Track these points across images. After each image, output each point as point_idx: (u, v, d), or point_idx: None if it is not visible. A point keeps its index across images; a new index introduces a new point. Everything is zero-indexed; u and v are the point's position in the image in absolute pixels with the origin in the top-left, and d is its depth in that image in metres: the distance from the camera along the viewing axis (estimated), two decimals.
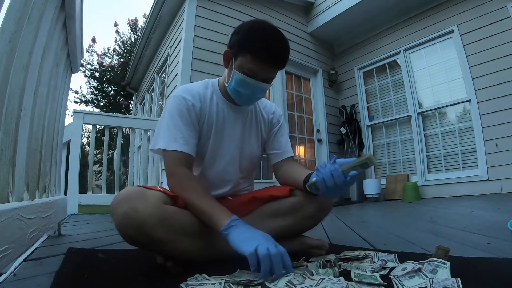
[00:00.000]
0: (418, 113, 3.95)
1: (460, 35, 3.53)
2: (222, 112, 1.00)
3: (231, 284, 0.63)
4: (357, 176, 0.74)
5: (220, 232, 0.75)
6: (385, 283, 0.61)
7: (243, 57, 0.88)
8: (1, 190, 0.59)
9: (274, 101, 3.96)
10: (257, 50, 0.86)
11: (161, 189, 0.83)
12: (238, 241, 0.71)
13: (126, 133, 5.39)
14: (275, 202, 0.98)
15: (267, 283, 0.62)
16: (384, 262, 0.75)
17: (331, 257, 0.83)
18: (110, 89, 9.15)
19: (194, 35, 3.39)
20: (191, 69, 3.28)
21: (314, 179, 0.81)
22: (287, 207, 0.95)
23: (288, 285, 0.61)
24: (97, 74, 8.92)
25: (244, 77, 0.89)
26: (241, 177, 1.07)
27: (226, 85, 0.96)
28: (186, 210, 0.84)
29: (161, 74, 4.59)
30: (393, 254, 0.82)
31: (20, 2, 0.62)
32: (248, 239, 0.70)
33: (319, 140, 4.40)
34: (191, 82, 3.23)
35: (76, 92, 9.05)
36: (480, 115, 3.33)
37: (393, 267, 0.71)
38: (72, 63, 1.47)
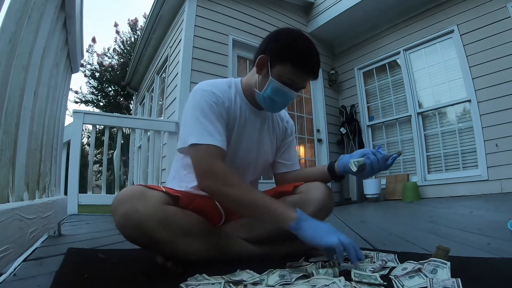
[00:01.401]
0: (418, 113, 3.95)
1: (460, 35, 3.53)
2: (244, 114, 0.98)
3: (231, 284, 0.63)
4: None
5: (288, 226, 0.75)
6: (385, 283, 0.61)
7: (283, 66, 0.87)
8: (1, 190, 0.59)
9: None
10: (300, 61, 0.87)
11: (163, 189, 0.82)
12: (317, 234, 0.73)
13: (126, 133, 5.40)
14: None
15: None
16: (384, 262, 0.75)
17: None
18: (110, 89, 9.16)
19: (194, 35, 3.39)
20: (191, 69, 3.28)
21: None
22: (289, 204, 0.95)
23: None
24: (97, 74, 8.92)
25: (282, 86, 0.89)
26: (253, 179, 1.10)
27: (258, 92, 0.93)
28: (187, 211, 0.83)
29: (161, 74, 4.59)
30: (393, 254, 0.82)
31: (20, 2, 0.62)
32: (326, 232, 0.73)
33: (319, 140, 4.40)
34: (191, 82, 3.27)
35: (76, 92, 9.06)
36: (480, 115, 3.33)
37: (393, 267, 0.72)
38: (72, 63, 1.47)
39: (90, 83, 9.07)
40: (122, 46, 9.18)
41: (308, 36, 0.93)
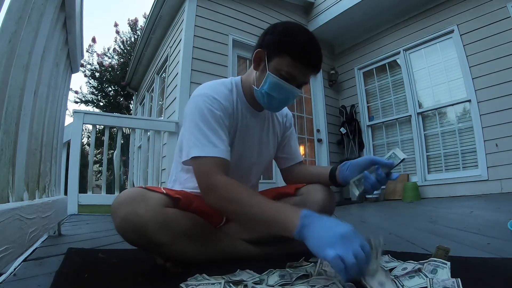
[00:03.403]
0: (418, 113, 3.95)
1: (460, 35, 3.53)
2: (245, 118, 0.94)
3: (231, 284, 0.63)
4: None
5: (292, 236, 0.64)
6: None
7: (281, 59, 0.82)
8: (1, 190, 0.59)
9: None
10: (299, 54, 0.81)
11: (164, 191, 0.82)
12: (318, 244, 0.60)
13: (126, 133, 5.40)
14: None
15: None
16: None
17: None
18: (110, 89, 9.15)
19: (194, 35, 3.39)
20: (191, 69, 3.28)
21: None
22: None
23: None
24: (97, 74, 8.92)
25: (280, 81, 0.83)
26: (257, 178, 1.10)
27: (255, 88, 0.89)
28: (187, 213, 0.83)
29: (161, 74, 4.59)
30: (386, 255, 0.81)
31: (20, 2, 0.62)
32: (327, 242, 0.59)
33: (319, 140, 4.40)
34: (191, 82, 3.26)
35: (76, 92, 9.06)
36: (480, 115, 3.33)
37: (393, 267, 0.71)
38: (72, 63, 1.47)
39: (90, 83, 9.08)
40: (122, 46, 9.18)
41: (308, 29, 0.88)
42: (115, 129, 3.80)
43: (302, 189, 0.98)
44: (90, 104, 9.20)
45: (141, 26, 8.83)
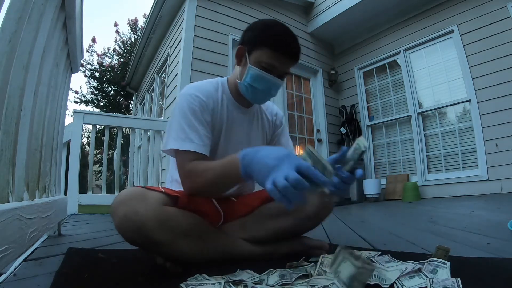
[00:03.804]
0: (418, 113, 3.95)
1: (460, 35, 3.53)
2: (231, 114, 0.98)
3: (231, 284, 0.63)
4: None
5: (241, 177, 0.72)
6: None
7: (260, 51, 0.87)
8: (1, 190, 0.59)
9: (273, 101, 3.95)
10: (277, 43, 0.86)
11: (163, 190, 0.82)
12: (261, 177, 0.67)
13: (126, 133, 5.39)
14: (275, 202, 0.98)
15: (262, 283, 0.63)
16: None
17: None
18: (110, 89, 9.16)
19: (194, 35, 3.39)
20: (191, 69, 3.28)
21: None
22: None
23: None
24: (97, 74, 8.92)
25: (261, 72, 0.88)
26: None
27: (239, 82, 0.93)
28: (187, 211, 0.83)
29: (161, 74, 4.59)
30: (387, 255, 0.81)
31: (20, 2, 0.62)
32: (266, 173, 0.65)
33: (319, 140, 4.40)
34: (191, 82, 3.26)
35: (76, 92, 9.07)
36: (480, 115, 3.33)
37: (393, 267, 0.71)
38: (72, 63, 1.47)
39: (90, 83, 9.09)
40: (122, 46, 9.18)
41: (284, 24, 0.93)
42: (115, 129, 3.80)
43: None
44: (90, 104, 9.22)
45: (141, 26, 8.84)
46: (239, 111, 1.00)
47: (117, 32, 11.62)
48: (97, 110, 8.94)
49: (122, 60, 8.87)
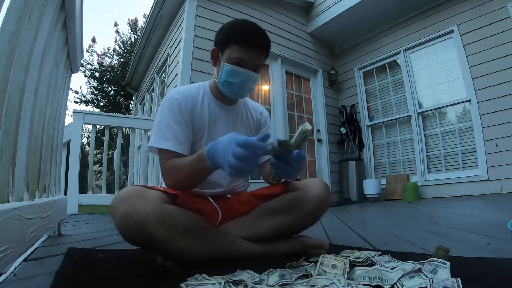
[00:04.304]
0: (418, 113, 3.95)
1: (460, 35, 3.53)
2: (213, 112, 1.04)
3: (231, 284, 0.63)
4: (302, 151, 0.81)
5: (210, 169, 0.80)
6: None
7: (230, 49, 0.95)
8: (1, 190, 0.59)
9: (274, 101, 3.96)
10: (242, 39, 0.94)
11: (161, 189, 0.83)
12: (222, 165, 0.75)
13: (126, 133, 5.39)
14: (274, 200, 0.98)
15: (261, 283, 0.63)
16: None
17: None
18: (110, 89, 9.15)
19: (194, 35, 3.39)
20: (191, 69, 3.28)
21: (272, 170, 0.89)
22: (286, 204, 0.96)
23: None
24: (97, 74, 8.91)
25: (233, 67, 0.95)
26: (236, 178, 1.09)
27: (216, 80, 1.01)
28: (186, 210, 0.84)
29: (161, 74, 4.59)
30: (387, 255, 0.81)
31: (20, 2, 0.62)
32: (223, 163, 0.74)
33: (319, 140, 4.40)
34: (191, 82, 3.26)
35: (76, 92, 9.05)
36: (480, 115, 3.33)
37: (393, 267, 0.71)
38: (72, 63, 1.47)
39: (90, 83, 9.07)
40: (122, 46, 9.17)
41: (250, 21, 1.00)
42: (115, 129, 3.80)
43: (300, 184, 1.00)
44: (90, 104, 9.20)
45: (141, 26, 8.83)
46: (221, 109, 1.06)
47: (117, 32, 11.60)
48: (97, 110, 8.93)
49: (122, 60, 8.86)
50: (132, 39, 9.10)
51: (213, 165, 0.79)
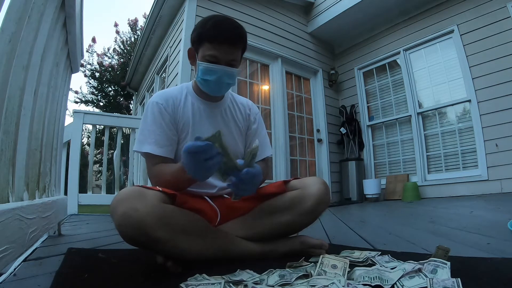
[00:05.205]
0: (418, 113, 3.95)
1: (460, 35, 3.53)
2: (198, 110, 1.04)
3: (231, 284, 0.63)
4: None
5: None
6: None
7: (203, 47, 0.95)
8: (1, 190, 0.59)
9: (274, 101, 3.96)
10: (212, 35, 0.93)
11: (161, 189, 0.83)
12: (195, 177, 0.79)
13: (126, 133, 5.39)
14: (274, 199, 0.98)
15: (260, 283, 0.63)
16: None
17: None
18: (110, 89, 9.15)
19: None
20: (191, 69, 3.28)
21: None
22: (286, 203, 0.96)
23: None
24: (97, 74, 8.91)
25: (208, 65, 0.95)
26: None
27: (196, 79, 1.01)
28: (185, 210, 0.84)
29: (161, 74, 4.59)
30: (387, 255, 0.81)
31: (20, 2, 0.62)
32: (196, 170, 0.77)
33: (319, 140, 4.40)
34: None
35: (76, 92, 9.04)
36: (480, 115, 3.33)
37: (393, 267, 0.71)
38: (72, 63, 1.47)
39: (90, 83, 9.06)
40: (122, 46, 9.16)
41: (223, 15, 0.99)
42: (115, 129, 3.79)
43: (299, 183, 1.00)
44: (90, 104, 9.20)
45: (141, 26, 8.82)
46: (206, 106, 1.06)
47: (117, 32, 11.58)
48: (97, 110, 8.93)
49: (122, 60, 8.86)
50: (132, 39, 9.10)
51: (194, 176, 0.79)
